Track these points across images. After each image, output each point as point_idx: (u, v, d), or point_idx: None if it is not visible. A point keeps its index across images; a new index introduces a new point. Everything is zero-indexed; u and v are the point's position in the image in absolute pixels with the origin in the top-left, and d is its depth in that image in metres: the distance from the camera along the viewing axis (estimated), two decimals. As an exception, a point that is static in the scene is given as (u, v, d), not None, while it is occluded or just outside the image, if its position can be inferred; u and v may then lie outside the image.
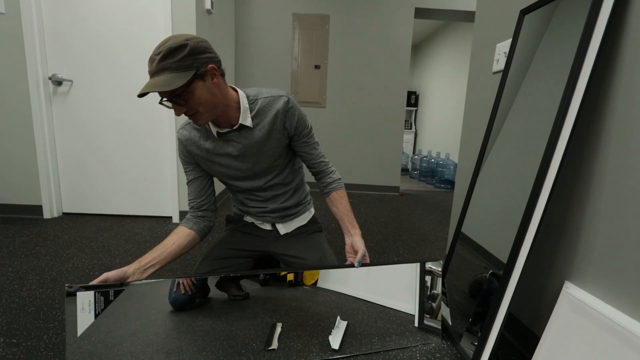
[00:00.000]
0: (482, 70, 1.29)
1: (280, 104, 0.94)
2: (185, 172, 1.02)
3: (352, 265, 0.92)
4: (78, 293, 0.71)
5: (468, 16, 3.19)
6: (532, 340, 0.93)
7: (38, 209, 2.02)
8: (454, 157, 4.22)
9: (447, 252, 1.60)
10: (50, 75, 1.94)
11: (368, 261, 0.95)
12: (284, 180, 1.05)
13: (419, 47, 5.79)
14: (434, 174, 4.40)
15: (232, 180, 1.02)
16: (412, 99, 5.73)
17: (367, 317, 0.94)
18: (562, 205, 0.85)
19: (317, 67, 3.06)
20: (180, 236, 0.92)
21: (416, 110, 5.85)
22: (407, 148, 5.74)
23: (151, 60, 0.76)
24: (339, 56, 3.12)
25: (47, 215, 2.03)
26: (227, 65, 2.77)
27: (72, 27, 1.91)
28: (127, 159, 2.06)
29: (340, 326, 0.91)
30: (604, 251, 0.74)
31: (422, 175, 4.71)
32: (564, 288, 0.82)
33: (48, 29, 1.91)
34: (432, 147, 4.95)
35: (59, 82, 1.96)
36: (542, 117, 0.84)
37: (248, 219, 1.12)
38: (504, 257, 0.86)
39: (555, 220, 0.88)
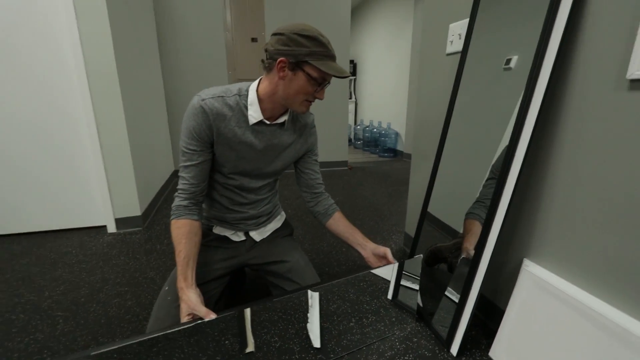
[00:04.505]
0: (435, 51, 1.27)
1: (310, 119, 0.99)
2: (190, 151, 0.85)
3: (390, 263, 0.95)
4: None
5: (403, -17, 3.15)
6: (495, 312, 1.02)
7: None
8: (395, 126, 4.38)
9: (404, 230, 1.68)
10: None
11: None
12: (272, 186, 1.04)
13: (354, 13, 5.67)
14: (377, 143, 4.54)
15: (235, 173, 0.93)
16: (350, 67, 5.69)
17: (336, 282, 0.91)
18: (521, 187, 0.90)
19: (254, 39, 2.81)
20: (196, 234, 0.87)
21: (355, 79, 5.85)
22: (349, 118, 5.78)
23: (326, 44, 0.80)
24: (277, 27, 2.88)
25: None
26: (149, 38, 2.37)
27: None
28: (38, 164, 1.68)
29: (314, 302, 0.87)
30: (559, 230, 0.81)
31: (366, 145, 4.83)
32: (523, 265, 0.89)
33: None
34: (373, 117, 5.06)
35: None
36: (505, 100, 0.87)
37: (218, 230, 1.01)
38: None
39: (514, 200, 0.94)
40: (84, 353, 0.60)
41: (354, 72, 5.77)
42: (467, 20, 1.04)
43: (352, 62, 5.72)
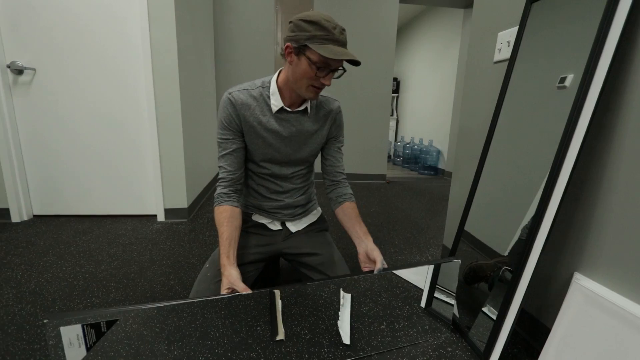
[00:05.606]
0: (483, 59, 1.26)
1: (335, 105, 1.03)
2: (224, 140, 0.95)
3: (371, 272, 0.90)
4: (61, 328, 0.61)
5: (453, 1, 3.17)
6: (540, 330, 0.95)
7: (5, 212, 1.84)
8: (437, 144, 4.28)
9: (443, 243, 1.62)
10: (8, 63, 1.74)
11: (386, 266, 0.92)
12: (306, 175, 1.07)
13: (400, 32, 5.74)
14: (417, 160, 4.45)
15: (265, 161, 0.99)
16: (394, 85, 5.71)
17: (369, 285, 0.90)
18: (572, 198, 0.85)
19: (301, 53, 2.95)
20: (236, 218, 0.93)
21: (397, 97, 5.85)
22: (390, 135, 5.76)
23: (340, 30, 0.81)
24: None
25: (15, 219, 1.85)
26: (207, 50, 2.61)
27: (31, 8, 1.70)
28: (104, 153, 1.90)
29: (345, 302, 0.87)
30: (615, 242, 0.75)
31: (406, 162, 4.75)
32: (574, 279, 0.83)
33: (0, 14, 1.69)
34: (415, 134, 4.99)
35: (19, 71, 1.76)
36: (554, 111, 0.83)
37: (256, 217, 1.07)
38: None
39: (564, 213, 0.88)
40: (138, 306, 0.66)
41: (396, 90, 5.78)
42: (516, 27, 1.03)
43: (395, 79, 5.74)
